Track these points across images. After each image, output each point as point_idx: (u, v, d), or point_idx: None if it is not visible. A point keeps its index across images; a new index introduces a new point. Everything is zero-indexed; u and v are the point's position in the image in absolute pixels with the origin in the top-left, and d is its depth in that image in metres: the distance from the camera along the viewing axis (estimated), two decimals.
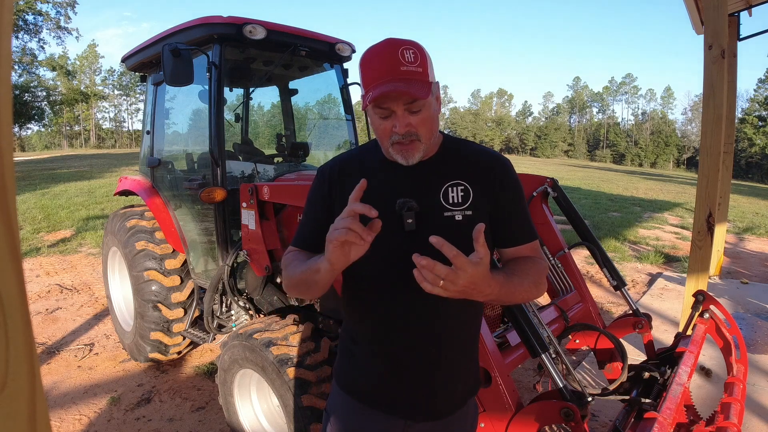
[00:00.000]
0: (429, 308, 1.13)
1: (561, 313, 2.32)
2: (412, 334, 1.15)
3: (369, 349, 1.21)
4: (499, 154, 1.23)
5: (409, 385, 1.17)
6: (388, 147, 1.11)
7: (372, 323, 1.19)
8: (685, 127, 77.91)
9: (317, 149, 3.87)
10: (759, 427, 2.73)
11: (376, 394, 1.20)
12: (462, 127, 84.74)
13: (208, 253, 3.11)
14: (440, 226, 1.11)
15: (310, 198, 1.26)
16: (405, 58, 1.05)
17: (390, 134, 1.09)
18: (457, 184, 1.14)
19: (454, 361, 1.19)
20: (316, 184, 1.25)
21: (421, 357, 1.16)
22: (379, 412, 1.20)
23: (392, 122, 1.08)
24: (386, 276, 1.14)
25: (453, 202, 1.13)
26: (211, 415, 2.89)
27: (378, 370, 1.19)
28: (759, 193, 23.04)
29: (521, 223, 1.20)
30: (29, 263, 6.02)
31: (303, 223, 1.26)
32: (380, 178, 1.16)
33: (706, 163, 3.33)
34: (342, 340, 1.31)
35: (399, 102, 1.06)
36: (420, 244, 1.06)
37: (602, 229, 9.25)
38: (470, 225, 1.08)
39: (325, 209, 1.20)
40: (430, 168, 1.16)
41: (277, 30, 2.81)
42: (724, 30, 3.30)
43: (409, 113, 1.07)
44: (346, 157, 1.26)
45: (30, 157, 26.85)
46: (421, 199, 1.10)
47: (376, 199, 1.10)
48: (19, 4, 35.75)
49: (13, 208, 0.38)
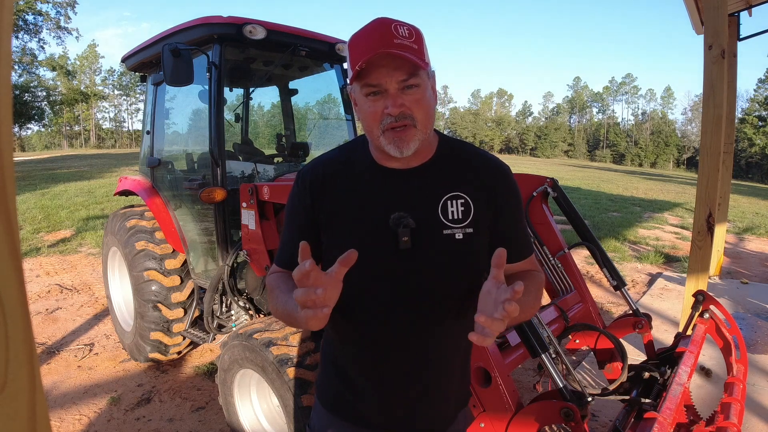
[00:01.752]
0: (423, 330, 1.04)
1: (561, 313, 2.32)
2: (403, 356, 1.06)
3: (355, 369, 1.11)
4: (501, 161, 1.12)
5: (400, 405, 1.10)
6: (378, 135, 0.96)
7: (359, 346, 1.09)
8: (685, 127, 77.93)
9: (317, 149, 3.87)
10: (759, 427, 2.73)
11: (362, 413, 1.12)
12: (462, 127, 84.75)
13: (208, 253, 3.11)
14: (439, 244, 1.01)
15: (291, 209, 1.11)
16: (399, 33, 0.93)
17: (381, 117, 0.95)
18: (457, 196, 1.02)
19: (446, 380, 1.12)
20: (296, 192, 1.09)
21: (413, 379, 1.08)
22: (365, 430, 1.13)
23: (383, 102, 0.94)
24: (378, 296, 1.03)
25: (453, 218, 1.01)
26: (211, 415, 2.89)
27: (364, 390, 1.10)
28: (759, 193, 23.03)
29: (520, 238, 1.12)
30: (29, 263, 6.02)
31: (285, 240, 1.11)
32: (371, 185, 1.04)
33: (706, 163, 3.33)
34: (323, 357, 1.21)
35: (392, 77, 0.92)
36: (416, 263, 1.00)
37: (602, 229, 9.25)
38: (471, 244, 1.02)
39: (309, 223, 1.07)
40: (427, 174, 1.04)
41: (277, 30, 2.81)
42: (724, 30, 3.30)
43: (402, 92, 0.94)
44: (330, 162, 1.10)
45: (30, 157, 26.84)
46: (417, 213, 1.00)
47: (366, 210, 1.03)
48: (19, 4, 35.76)
49: (13, 208, 0.38)
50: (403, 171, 1.04)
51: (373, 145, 1.04)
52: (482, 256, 1.05)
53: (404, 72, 0.93)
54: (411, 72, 0.94)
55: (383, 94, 0.95)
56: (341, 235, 1.04)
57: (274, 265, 1.13)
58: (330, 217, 1.05)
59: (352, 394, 1.12)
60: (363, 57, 0.91)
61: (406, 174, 1.04)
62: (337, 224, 1.04)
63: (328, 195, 1.05)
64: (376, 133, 0.97)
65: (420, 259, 1.00)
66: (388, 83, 0.93)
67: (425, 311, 1.03)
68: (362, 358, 1.10)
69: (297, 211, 1.09)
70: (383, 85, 0.94)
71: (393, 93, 0.94)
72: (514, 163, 37.67)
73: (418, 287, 1.02)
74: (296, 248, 0.88)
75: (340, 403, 1.15)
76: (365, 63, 0.92)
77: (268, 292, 1.10)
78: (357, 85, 0.98)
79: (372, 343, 1.07)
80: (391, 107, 0.93)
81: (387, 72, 0.93)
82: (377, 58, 0.91)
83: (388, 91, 0.94)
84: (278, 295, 1.00)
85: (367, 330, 1.06)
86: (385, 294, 1.02)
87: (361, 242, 0.96)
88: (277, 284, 1.04)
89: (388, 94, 0.94)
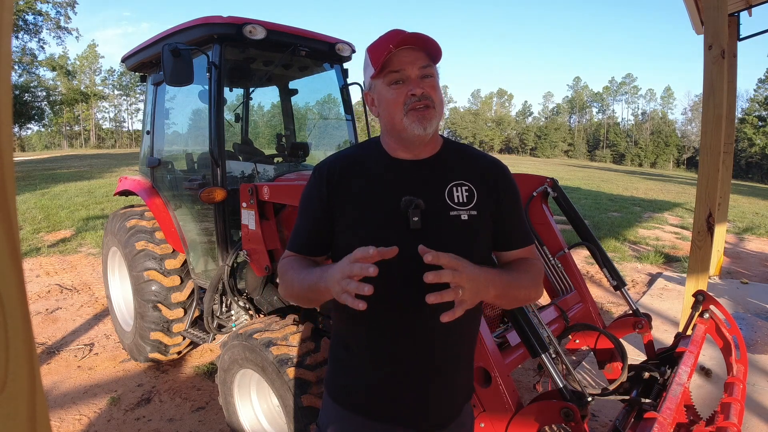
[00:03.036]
0: (431, 310, 1.06)
1: (561, 313, 2.32)
2: (411, 337, 1.10)
3: (364, 355, 1.15)
4: (499, 160, 1.23)
5: (407, 394, 1.12)
6: (402, 118, 1.07)
7: (369, 327, 1.13)
8: (685, 127, 77.92)
9: (317, 149, 3.87)
10: (759, 427, 2.73)
11: (373, 404, 1.14)
12: (462, 127, 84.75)
13: (208, 253, 3.11)
14: (446, 225, 1.09)
15: (307, 198, 1.20)
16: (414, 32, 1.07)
17: (405, 99, 1.06)
18: (461, 184, 1.12)
19: (453, 367, 1.16)
20: (313, 183, 1.19)
21: (419, 363, 1.11)
22: (376, 423, 1.14)
23: (406, 88, 1.06)
24: (388, 276, 1.07)
25: (458, 201, 1.11)
26: (211, 415, 2.89)
27: (374, 379, 1.14)
28: (759, 193, 23.04)
29: (520, 227, 1.20)
30: (29, 263, 6.02)
31: (299, 226, 1.20)
32: (385, 179, 1.13)
33: (706, 163, 3.33)
34: (332, 348, 1.25)
35: (413, 64, 1.06)
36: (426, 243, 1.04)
37: (602, 229, 9.25)
38: (475, 225, 1.11)
39: (323, 212, 1.15)
40: (434, 166, 1.14)
41: (277, 30, 2.81)
42: (724, 30, 3.30)
43: (422, 80, 1.07)
44: (346, 157, 1.20)
45: (30, 157, 26.85)
46: (426, 198, 1.08)
47: (378, 196, 1.11)
48: (19, 4, 35.74)
49: (13, 208, 0.38)
50: (412, 161, 1.14)
51: (394, 132, 1.12)
52: (486, 238, 1.15)
53: (424, 60, 1.07)
54: (429, 61, 1.08)
55: (405, 82, 1.07)
56: (354, 219, 1.11)
57: (286, 251, 1.21)
58: (343, 205, 1.13)
59: (361, 382, 1.15)
60: (386, 50, 1.04)
61: (416, 164, 1.14)
62: (351, 211, 1.12)
63: (343, 186, 1.14)
64: (399, 117, 1.08)
65: (430, 239, 1.05)
66: (410, 69, 1.06)
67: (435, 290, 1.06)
68: (371, 339, 1.14)
69: (312, 201, 1.17)
70: (406, 71, 1.07)
71: (415, 77, 1.07)
72: (514, 163, 37.65)
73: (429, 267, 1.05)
74: (309, 235, 1.15)
75: (349, 393, 1.18)
76: (389, 53, 1.05)
77: (280, 275, 1.16)
78: (379, 80, 1.10)
79: (381, 323, 1.11)
80: (415, 88, 1.06)
81: (409, 59, 1.06)
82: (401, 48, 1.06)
83: (410, 77, 1.07)
84: (295, 275, 1.09)
85: (377, 309, 1.07)
86: (396, 274, 1.07)
87: (374, 225, 1.08)
88: (291, 266, 1.13)
89: (410, 80, 1.07)
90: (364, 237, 1.08)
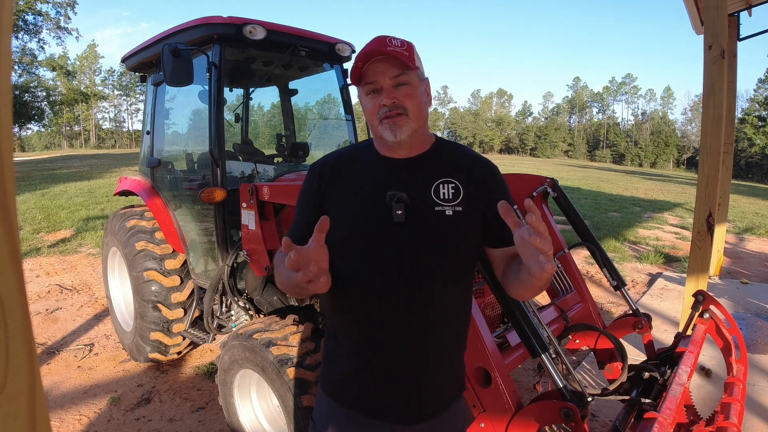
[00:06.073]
0: (418, 300, 1.12)
1: (561, 313, 2.32)
2: (399, 327, 1.13)
3: (348, 344, 1.19)
4: (489, 160, 1.26)
5: (395, 385, 1.15)
6: (377, 125, 1.13)
7: (354, 316, 1.17)
8: (685, 127, 77.95)
9: (317, 149, 3.87)
10: (759, 427, 2.73)
11: (362, 397, 1.18)
12: (462, 127, 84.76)
13: (208, 254, 3.11)
14: (430, 219, 1.12)
15: (302, 194, 1.27)
16: (392, 43, 1.11)
17: (378, 110, 1.12)
18: (448, 181, 1.16)
19: (437, 360, 1.17)
20: (308, 179, 1.26)
21: (407, 352, 1.14)
22: (364, 417, 1.17)
23: (380, 97, 1.12)
24: (374, 267, 1.13)
25: (444, 197, 1.14)
26: (211, 415, 2.89)
27: (356, 366, 1.17)
28: (759, 193, 23.03)
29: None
30: (29, 263, 6.02)
31: (294, 221, 1.27)
32: (374, 175, 1.18)
33: (706, 163, 3.33)
34: (325, 340, 1.30)
35: (385, 74, 1.11)
36: (409, 236, 1.12)
37: (602, 229, 9.25)
38: (460, 220, 1.14)
39: (316, 205, 1.21)
40: (423, 164, 1.18)
41: (277, 30, 2.81)
42: (724, 30, 3.30)
43: (395, 89, 1.11)
44: (340, 155, 1.27)
45: (30, 157, 26.85)
46: (412, 193, 1.12)
47: (366, 190, 1.16)
48: (19, 4, 35.74)
49: (13, 208, 0.38)
50: (402, 160, 1.19)
51: (376, 137, 1.20)
52: (472, 235, 1.17)
53: (395, 69, 1.11)
54: (401, 70, 1.11)
55: (380, 91, 1.12)
56: (342, 212, 1.16)
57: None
58: (333, 198, 1.19)
59: (345, 370, 1.19)
60: (362, 61, 1.12)
61: (405, 162, 1.18)
62: (339, 203, 1.18)
63: (335, 181, 1.20)
64: (375, 124, 1.14)
65: (412, 232, 1.12)
66: (383, 80, 1.11)
67: (417, 281, 1.12)
68: (360, 329, 1.17)
69: (306, 196, 1.25)
70: (379, 82, 1.12)
71: (387, 88, 1.12)
72: (514, 163, 37.53)
73: (411, 259, 1.12)
74: (303, 228, 1.19)
75: (335, 383, 1.22)
76: (364, 65, 1.12)
77: (275, 268, 1.21)
78: (360, 88, 1.16)
79: (369, 313, 1.15)
80: (385, 98, 1.11)
81: (381, 70, 1.11)
82: (372, 60, 1.11)
83: (383, 88, 1.12)
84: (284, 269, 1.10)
85: (365, 300, 1.15)
86: (381, 265, 1.12)
87: (359, 216, 1.14)
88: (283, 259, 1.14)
89: (383, 90, 1.12)
90: (349, 229, 1.14)
